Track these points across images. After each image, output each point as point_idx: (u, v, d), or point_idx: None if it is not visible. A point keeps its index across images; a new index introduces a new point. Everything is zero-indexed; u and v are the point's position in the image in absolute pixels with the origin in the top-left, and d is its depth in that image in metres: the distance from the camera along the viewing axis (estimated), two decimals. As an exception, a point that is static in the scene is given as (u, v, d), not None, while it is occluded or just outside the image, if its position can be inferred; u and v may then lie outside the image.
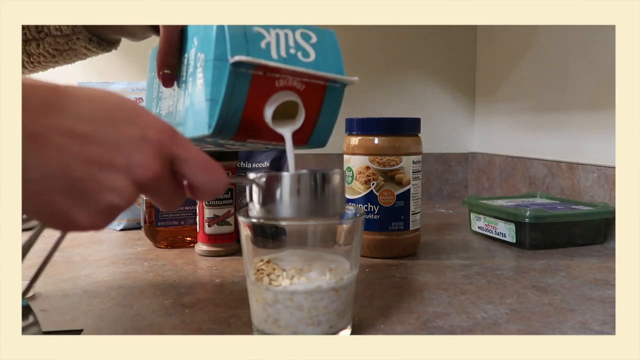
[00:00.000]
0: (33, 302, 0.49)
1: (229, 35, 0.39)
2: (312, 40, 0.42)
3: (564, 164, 0.87)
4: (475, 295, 0.51)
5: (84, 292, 0.52)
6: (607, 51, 0.79)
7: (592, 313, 0.46)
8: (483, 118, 1.17)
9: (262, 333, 0.40)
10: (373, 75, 1.14)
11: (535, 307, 0.48)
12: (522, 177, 0.99)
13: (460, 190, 1.20)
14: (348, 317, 0.41)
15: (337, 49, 0.43)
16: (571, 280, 0.56)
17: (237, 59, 0.38)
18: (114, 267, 0.61)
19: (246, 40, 0.39)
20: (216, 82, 0.39)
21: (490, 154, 1.11)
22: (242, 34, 0.40)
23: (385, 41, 1.14)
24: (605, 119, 0.80)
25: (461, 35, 1.17)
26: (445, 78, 1.18)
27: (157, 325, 0.44)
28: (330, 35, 0.43)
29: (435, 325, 0.44)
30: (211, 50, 0.39)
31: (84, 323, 0.44)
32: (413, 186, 0.65)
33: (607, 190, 0.77)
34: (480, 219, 0.77)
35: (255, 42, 0.40)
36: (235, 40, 0.39)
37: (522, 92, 1.01)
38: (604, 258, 0.65)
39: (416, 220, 0.66)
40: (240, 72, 0.38)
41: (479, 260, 0.64)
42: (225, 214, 0.66)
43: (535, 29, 0.96)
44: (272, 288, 0.38)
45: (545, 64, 0.94)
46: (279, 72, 0.39)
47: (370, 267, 0.61)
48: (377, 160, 0.63)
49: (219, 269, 0.60)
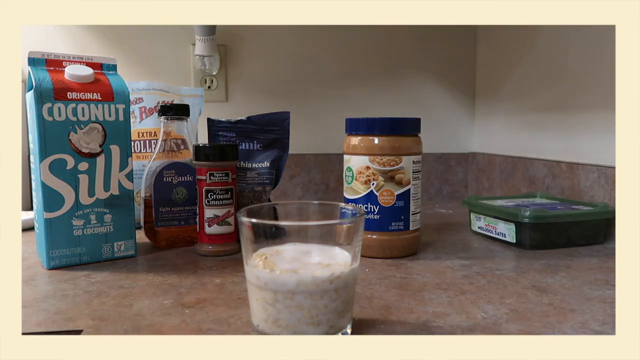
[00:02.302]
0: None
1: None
2: None
3: (564, 164, 0.87)
4: (475, 295, 0.51)
5: (84, 292, 0.52)
6: (607, 51, 0.79)
7: (592, 313, 0.46)
8: (483, 118, 1.17)
9: (262, 333, 0.40)
10: (373, 75, 1.14)
11: (535, 307, 0.48)
12: (522, 177, 0.99)
13: (460, 190, 1.20)
14: (348, 317, 0.41)
15: None
16: (571, 280, 0.56)
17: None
18: (114, 267, 0.61)
19: None
20: None
21: (490, 154, 1.11)
22: None
23: (386, 41, 1.14)
24: (605, 119, 0.80)
25: (461, 35, 1.17)
26: (445, 78, 1.18)
27: (157, 325, 0.44)
28: None
29: (435, 325, 0.44)
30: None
31: (84, 323, 0.44)
32: (413, 186, 0.65)
33: (607, 190, 0.77)
34: (480, 219, 0.77)
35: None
36: None
37: (522, 92, 1.01)
38: (604, 258, 0.65)
39: (416, 220, 0.66)
40: None
41: (479, 260, 0.64)
42: (225, 214, 0.66)
43: (535, 29, 0.96)
44: (270, 285, 0.38)
45: (545, 64, 0.94)
46: None
47: (370, 267, 0.61)
48: (377, 160, 0.63)
49: (219, 269, 0.60)
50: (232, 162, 0.66)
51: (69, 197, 0.60)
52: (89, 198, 0.61)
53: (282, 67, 1.11)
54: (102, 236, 0.63)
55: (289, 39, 1.10)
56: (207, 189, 0.65)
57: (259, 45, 1.09)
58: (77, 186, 0.61)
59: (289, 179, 1.11)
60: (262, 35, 1.09)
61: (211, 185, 0.65)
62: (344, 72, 1.13)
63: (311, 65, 1.12)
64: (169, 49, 1.06)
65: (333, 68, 1.13)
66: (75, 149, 0.60)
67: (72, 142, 0.60)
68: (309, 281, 0.38)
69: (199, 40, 1.00)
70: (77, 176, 0.61)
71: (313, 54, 1.12)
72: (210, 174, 0.65)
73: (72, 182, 0.60)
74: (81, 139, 0.60)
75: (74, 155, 0.60)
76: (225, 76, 1.08)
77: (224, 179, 0.65)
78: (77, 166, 0.60)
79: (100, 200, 0.62)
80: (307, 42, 1.11)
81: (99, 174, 0.62)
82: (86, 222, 0.61)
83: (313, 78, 1.12)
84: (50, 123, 0.58)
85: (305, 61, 1.12)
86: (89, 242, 0.62)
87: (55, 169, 0.59)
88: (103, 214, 0.63)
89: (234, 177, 0.66)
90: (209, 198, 0.65)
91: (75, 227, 0.61)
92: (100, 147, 0.62)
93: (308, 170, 1.12)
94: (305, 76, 1.12)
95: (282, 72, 1.11)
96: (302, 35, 1.11)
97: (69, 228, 0.60)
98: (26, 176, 0.96)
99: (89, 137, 0.61)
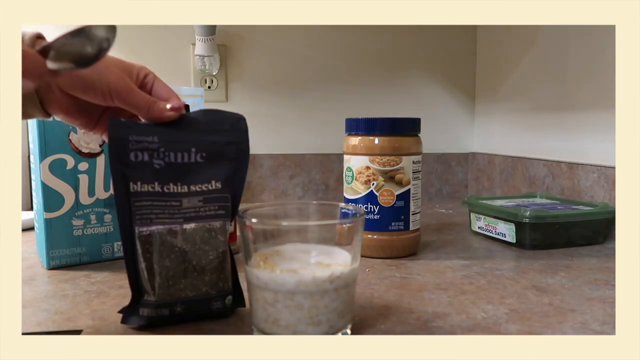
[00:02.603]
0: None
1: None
2: None
3: (564, 164, 0.87)
4: (475, 295, 0.51)
5: (84, 292, 0.52)
6: (607, 51, 0.79)
7: (592, 313, 0.46)
8: (483, 118, 1.17)
9: (262, 333, 0.40)
10: (373, 76, 1.14)
11: (535, 307, 0.48)
12: (522, 177, 0.99)
13: (460, 190, 1.20)
14: (348, 317, 0.41)
15: None
16: (571, 280, 0.56)
17: None
18: (113, 267, 0.61)
19: None
20: None
21: (490, 154, 1.11)
22: None
23: (386, 41, 1.14)
24: (605, 119, 0.80)
25: (461, 35, 1.17)
26: (445, 78, 1.18)
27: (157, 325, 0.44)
28: None
29: (435, 325, 0.44)
30: None
31: (84, 323, 0.44)
32: (413, 186, 0.65)
33: (607, 190, 0.77)
34: (480, 219, 0.77)
35: None
36: None
37: (522, 92, 1.01)
38: (604, 258, 0.65)
39: (416, 220, 0.66)
40: None
41: (479, 260, 0.64)
42: (225, 214, 0.65)
43: (535, 29, 0.96)
44: (271, 285, 0.38)
45: (545, 64, 0.94)
46: None
47: (370, 267, 0.61)
48: (377, 160, 0.63)
49: (219, 269, 0.60)
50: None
51: (69, 197, 0.60)
52: (89, 198, 0.61)
53: (282, 67, 1.11)
54: (102, 236, 0.63)
55: (289, 39, 1.10)
56: (207, 189, 0.64)
57: (259, 45, 1.09)
58: (77, 186, 0.61)
59: (289, 179, 1.11)
60: (262, 35, 1.09)
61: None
62: (344, 72, 1.13)
63: (311, 65, 1.12)
64: (169, 49, 1.06)
65: (333, 68, 1.13)
66: (75, 149, 0.60)
67: (72, 142, 0.60)
68: (309, 281, 0.38)
69: (199, 40, 1.00)
70: (77, 176, 0.61)
71: (313, 54, 1.12)
72: (210, 174, 0.64)
73: (72, 182, 0.60)
74: (81, 139, 0.60)
75: (74, 155, 0.60)
76: (225, 76, 1.08)
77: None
78: (77, 166, 0.60)
79: (100, 200, 0.62)
80: (307, 42, 1.11)
81: (99, 174, 0.62)
82: (86, 222, 0.61)
83: (313, 78, 1.12)
84: (50, 123, 0.58)
85: (305, 61, 1.12)
86: (89, 242, 0.62)
87: (55, 169, 0.59)
88: (103, 214, 0.62)
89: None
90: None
91: (75, 227, 0.61)
92: (100, 147, 0.62)
93: (308, 170, 1.12)
94: (306, 76, 1.12)
95: (282, 72, 1.11)
96: (302, 35, 1.11)
97: (69, 228, 0.60)
98: (26, 176, 0.96)
99: (88, 137, 0.61)
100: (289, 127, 1.12)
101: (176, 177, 0.44)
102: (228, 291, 0.45)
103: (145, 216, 0.42)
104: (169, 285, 0.43)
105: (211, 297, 0.44)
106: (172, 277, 0.43)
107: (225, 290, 0.45)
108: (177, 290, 0.43)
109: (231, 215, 0.45)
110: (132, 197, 0.42)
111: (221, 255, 0.44)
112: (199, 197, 0.44)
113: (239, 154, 0.46)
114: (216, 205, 0.45)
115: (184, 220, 0.43)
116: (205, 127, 0.45)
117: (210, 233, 0.44)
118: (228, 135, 0.46)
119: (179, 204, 0.44)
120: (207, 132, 0.45)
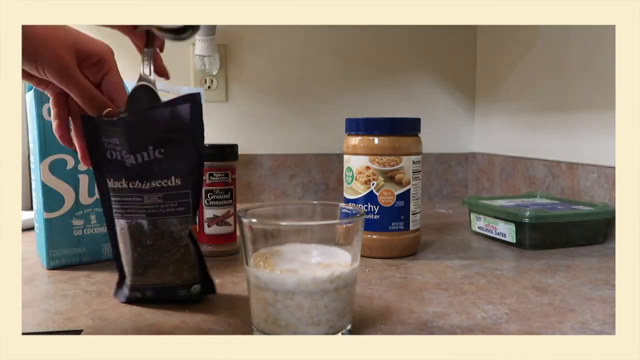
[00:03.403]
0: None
1: None
2: None
3: (564, 164, 0.87)
4: (475, 295, 0.51)
5: (84, 292, 0.52)
6: (607, 51, 0.79)
7: (592, 313, 0.46)
8: (483, 118, 1.17)
9: (262, 333, 0.40)
10: (373, 76, 1.14)
11: (535, 307, 0.48)
12: (522, 177, 0.99)
13: (460, 190, 1.20)
14: (348, 317, 0.41)
15: None
16: (571, 280, 0.56)
17: None
18: (113, 267, 0.61)
19: None
20: None
21: (490, 154, 1.11)
22: None
23: (386, 41, 1.14)
24: (605, 119, 0.80)
25: (461, 35, 1.17)
26: (445, 78, 1.18)
27: (157, 325, 0.44)
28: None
29: (435, 325, 0.44)
30: None
31: (84, 323, 0.44)
32: (413, 186, 0.65)
33: (607, 190, 0.77)
34: (480, 219, 0.77)
35: None
36: None
37: (522, 92, 1.02)
38: (604, 258, 0.65)
39: (416, 220, 0.66)
40: None
41: (479, 260, 0.64)
42: (225, 214, 0.66)
43: (535, 29, 0.96)
44: (271, 285, 0.38)
45: (545, 64, 0.94)
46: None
47: (370, 267, 0.61)
48: (377, 160, 0.63)
49: (219, 269, 0.60)
50: (232, 162, 0.66)
51: (69, 197, 0.60)
52: (89, 198, 0.61)
53: (282, 67, 1.11)
54: (102, 236, 0.63)
55: (289, 38, 1.10)
56: (206, 190, 0.65)
57: (259, 45, 1.09)
58: (77, 186, 0.61)
59: (289, 179, 1.11)
60: (262, 35, 1.09)
61: (211, 186, 0.65)
62: (344, 72, 1.13)
63: (311, 65, 1.12)
64: (169, 49, 1.06)
65: (333, 68, 1.13)
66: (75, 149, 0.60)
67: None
68: (309, 281, 0.38)
69: (199, 40, 1.00)
70: (77, 176, 0.61)
71: (313, 54, 1.12)
72: (209, 174, 0.65)
73: (72, 182, 0.60)
74: (81, 139, 0.60)
75: (74, 155, 0.60)
76: (225, 76, 1.08)
77: (224, 179, 0.65)
78: (77, 166, 0.60)
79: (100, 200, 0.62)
80: (307, 42, 1.11)
81: (99, 174, 0.62)
82: (86, 222, 0.61)
83: (313, 78, 1.12)
84: (50, 123, 0.58)
85: (305, 61, 1.12)
86: (89, 242, 0.62)
87: (55, 169, 0.59)
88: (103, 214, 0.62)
89: (233, 177, 0.66)
90: (208, 198, 0.65)
91: (75, 227, 0.61)
92: (100, 147, 0.62)
93: (308, 170, 1.12)
94: (306, 76, 1.12)
95: (282, 72, 1.11)
96: (302, 35, 1.11)
97: (68, 228, 0.60)
98: (26, 176, 0.96)
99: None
100: (289, 127, 1.12)
101: (142, 174, 0.45)
102: (194, 281, 0.48)
103: (117, 210, 0.47)
104: (139, 273, 0.48)
105: (177, 285, 0.48)
106: (140, 266, 0.48)
107: (191, 280, 0.48)
108: (147, 277, 0.48)
109: (192, 211, 0.46)
110: (110, 192, 0.47)
111: (183, 248, 0.47)
112: (159, 193, 0.46)
113: (195, 141, 0.45)
114: (175, 202, 0.46)
115: (146, 215, 0.46)
116: (162, 126, 0.44)
117: (169, 229, 0.46)
118: (182, 127, 0.44)
119: (140, 199, 0.46)
120: (166, 129, 0.44)
